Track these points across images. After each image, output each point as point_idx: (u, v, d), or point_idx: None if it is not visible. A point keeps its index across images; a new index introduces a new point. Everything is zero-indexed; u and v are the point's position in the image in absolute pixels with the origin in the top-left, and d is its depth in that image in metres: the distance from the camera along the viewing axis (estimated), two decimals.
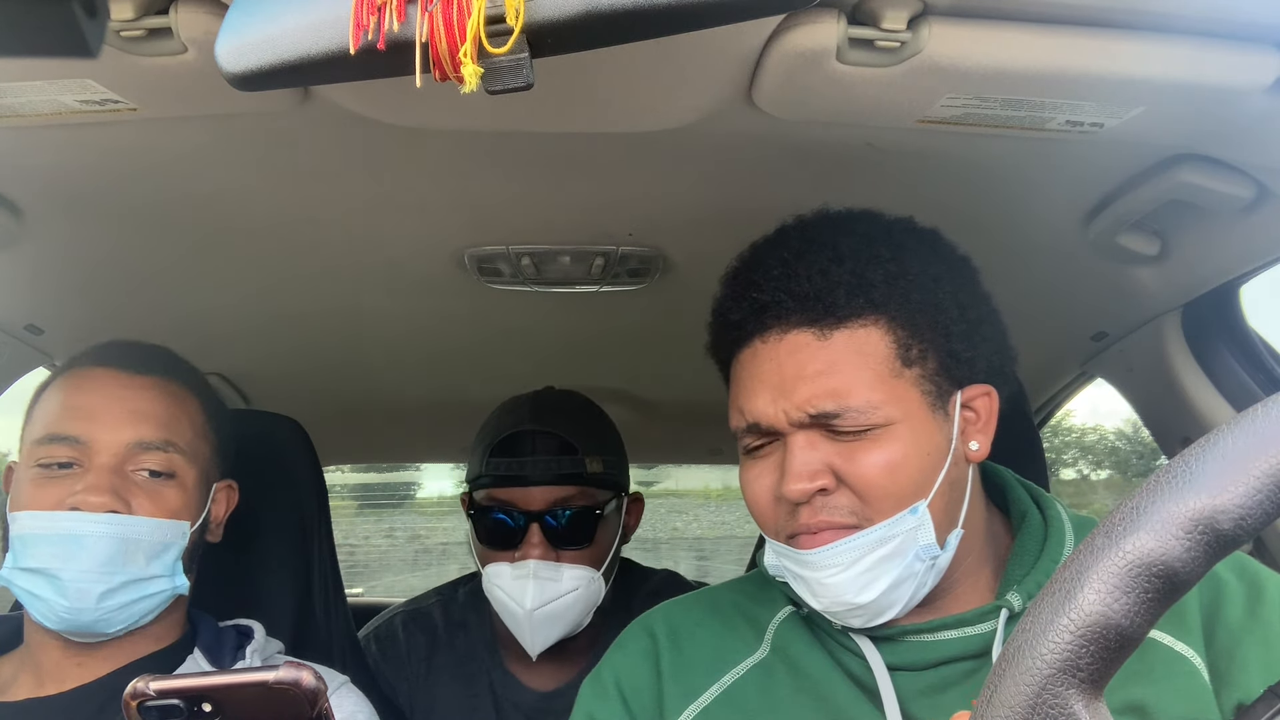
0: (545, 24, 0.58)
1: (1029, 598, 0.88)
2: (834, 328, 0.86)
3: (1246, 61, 0.83)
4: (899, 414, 0.85)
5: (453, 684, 1.57)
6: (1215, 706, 0.82)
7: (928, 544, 0.85)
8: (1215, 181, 1.03)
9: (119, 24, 0.77)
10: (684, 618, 1.01)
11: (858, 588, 0.85)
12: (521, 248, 1.32)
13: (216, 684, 0.54)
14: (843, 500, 0.85)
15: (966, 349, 0.89)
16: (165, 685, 0.54)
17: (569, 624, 1.44)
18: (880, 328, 0.86)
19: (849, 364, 0.85)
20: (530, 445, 1.45)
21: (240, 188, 1.14)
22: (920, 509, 0.85)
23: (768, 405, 0.87)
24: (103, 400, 1.07)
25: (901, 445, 0.85)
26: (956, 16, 0.80)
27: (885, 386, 0.85)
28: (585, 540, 1.45)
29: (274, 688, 0.53)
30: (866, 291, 0.86)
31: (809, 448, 0.85)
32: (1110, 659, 0.44)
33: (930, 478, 0.86)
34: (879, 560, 0.85)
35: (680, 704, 0.94)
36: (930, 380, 0.87)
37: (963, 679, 0.88)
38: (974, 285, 0.93)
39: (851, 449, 0.85)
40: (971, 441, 0.90)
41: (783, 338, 0.87)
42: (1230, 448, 0.44)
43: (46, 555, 1.00)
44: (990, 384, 0.91)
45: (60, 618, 1.01)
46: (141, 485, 1.06)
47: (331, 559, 1.50)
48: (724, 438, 2.96)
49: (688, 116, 0.95)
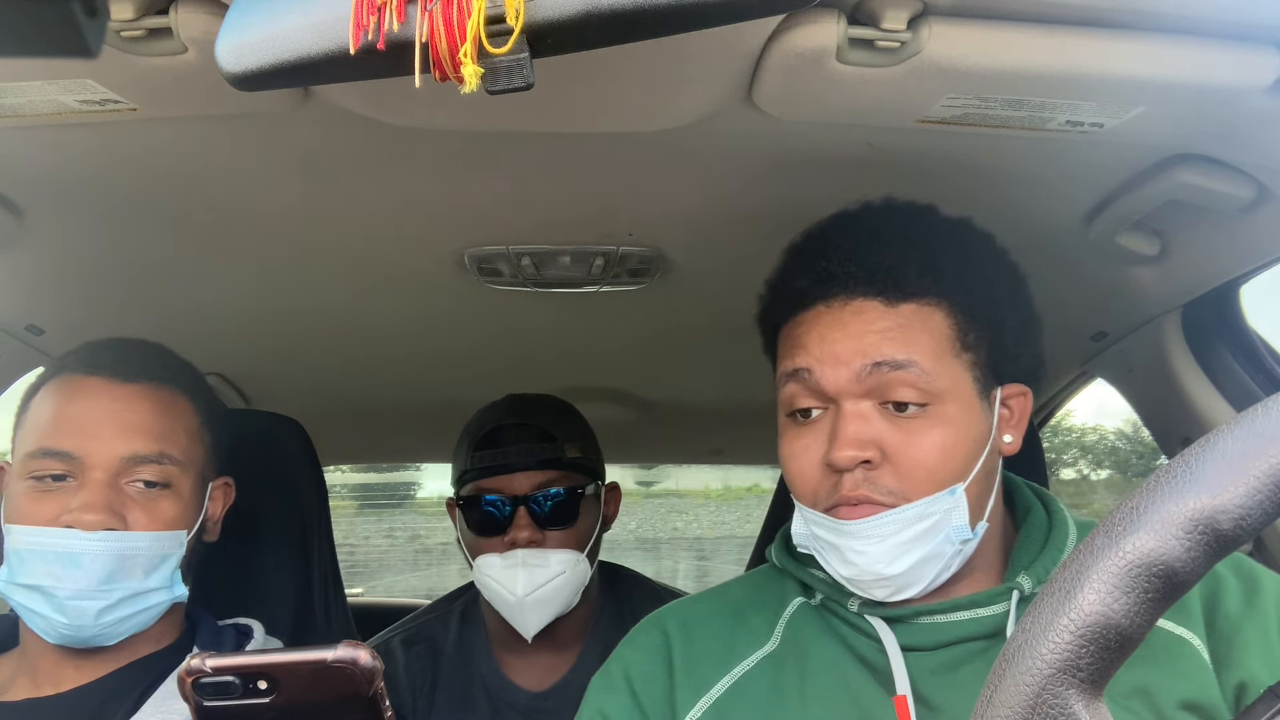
0: (545, 24, 0.58)
1: (1038, 582, 0.90)
2: (901, 300, 0.89)
3: (1246, 61, 0.83)
4: (951, 393, 0.88)
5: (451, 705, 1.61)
6: (1217, 686, 0.84)
7: (960, 525, 0.87)
8: (1215, 181, 1.03)
9: (119, 24, 0.77)
10: (695, 612, 1.03)
11: (889, 559, 0.87)
12: (521, 248, 1.32)
13: (275, 661, 0.54)
14: (885, 479, 0.87)
15: (1015, 345, 0.92)
16: (222, 663, 0.54)
17: (559, 605, 1.51)
18: (944, 310, 0.89)
19: (915, 330, 0.88)
20: (511, 436, 1.53)
21: (240, 188, 1.14)
22: (959, 490, 0.87)
23: (824, 355, 0.88)
24: (95, 413, 1.05)
25: (954, 428, 0.87)
26: (956, 16, 0.80)
27: (944, 362, 0.88)
28: (569, 520, 1.52)
29: (332, 666, 0.53)
30: (935, 274, 0.89)
31: (861, 418, 0.87)
32: (1110, 659, 0.44)
33: (972, 463, 0.89)
34: (915, 536, 0.87)
35: (692, 697, 0.94)
36: (980, 369, 0.90)
37: (974, 658, 0.89)
38: (1025, 288, 0.96)
39: (904, 429, 0.87)
40: (1006, 435, 0.93)
41: (849, 302, 0.90)
42: (1230, 448, 0.44)
43: (42, 572, 0.99)
44: (1027, 384, 0.95)
45: (60, 633, 1.01)
46: (136, 498, 1.04)
47: (331, 559, 1.50)
48: (724, 438, 2.96)
49: (688, 116, 0.95)
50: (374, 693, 0.54)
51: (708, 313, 1.55)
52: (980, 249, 0.95)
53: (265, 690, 0.54)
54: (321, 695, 0.54)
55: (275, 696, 0.54)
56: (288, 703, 0.54)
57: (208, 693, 0.54)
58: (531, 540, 1.48)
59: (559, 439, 1.54)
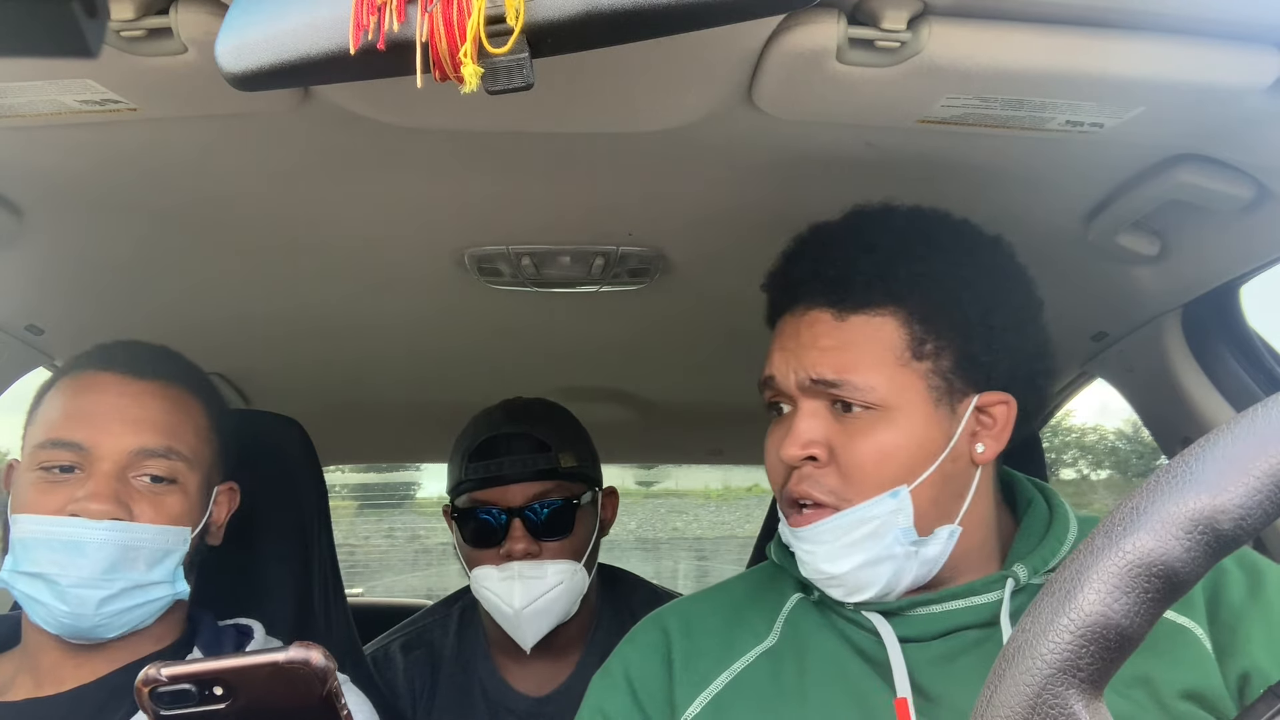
0: (545, 24, 0.58)
1: (1035, 571, 0.91)
2: (851, 312, 0.91)
3: (1246, 61, 0.83)
4: (897, 401, 0.89)
5: (450, 710, 1.61)
6: (1219, 676, 0.84)
7: (906, 527, 0.88)
8: (1215, 181, 1.03)
9: (119, 24, 0.77)
10: (695, 610, 1.03)
11: (832, 559, 0.90)
12: (521, 248, 1.32)
13: (227, 666, 0.54)
14: (828, 479, 0.90)
15: (985, 354, 0.91)
16: (176, 671, 0.54)
17: (557, 615, 1.50)
18: (897, 319, 0.90)
19: (859, 345, 0.90)
20: (506, 446, 1.52)
21: (240, 187, 1.14)
22: (901, 493, 0.88)
23: (781, 364, 0.94)
24: (105, 406, 1.06)
25: (894, 433, 0.89)
26: (956, 17, 0.80)
27: (888, 373, 0.89)
28: (565, 531, 1.51)
29: (284, 668, 0.53)
30: (886, 285, 0.90)
31: (812, 417, 0.91)
32: (1110, 659, 0.44)
33: (920, 468, 0.89)
34: (858, 539, 0.89)
35: (691, 693, 0.95)
36: (941, 377, 0.90)
37: (971, 647, 0.90)
38: (1009, 296, 0.95)
39: (850, 429, 0.90)
40: (979, 444, 0.92)
41: (806, 312, 0.94)
42: (1230, 448, 0.44)
43: (46, 560, 1.00)
44: (1012, 393, 0.93)
45: (60, 622, 1.01)
46: (143, 491, 1.05)
47: (331, 559, 1.50)
48: (724, 438, 2.96)
49: (688, 116, 0.95)
50: (328, 692, 0.54)
51: (708, 313, 1.55)
52: (955, 257, 0.93)
53: (221, 696, 0.54)
54: (277, 698, 0.54)
55: (232, 702, 0.54)
56: (245, 707, 0.54)
57: (165, 702, 0.54)
58: (528, 552, 1.48)
59: (554, 448, 1.53)
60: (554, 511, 1.51)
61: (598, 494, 1.62)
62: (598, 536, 1.59)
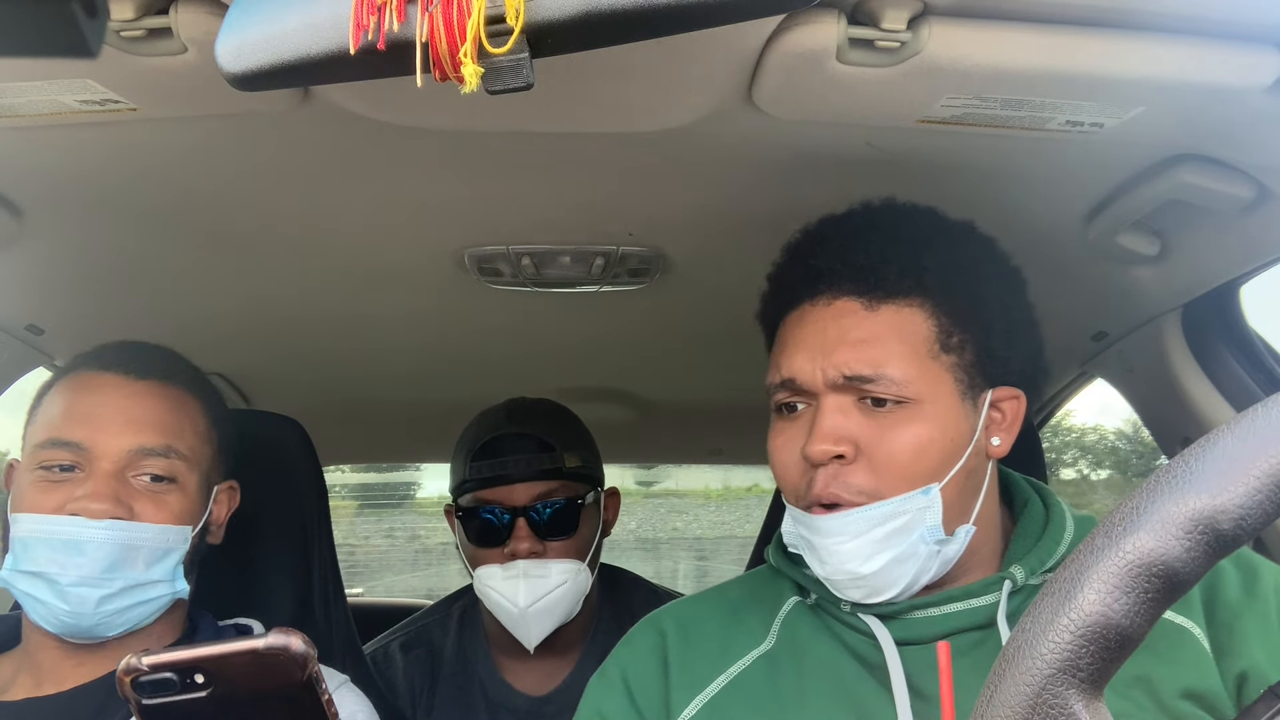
0: (545, 24, 0.58)
1: (1032, 572, 0.91)
2: (882, 301, 0.90)
3: (1246, 61, 0.83)
4: (929, 394, 0.88)
5: (450, 710, 1.61)
6: (1218, 675, 0.85)
7: (934, 525, 0.87)
8: (1215, 181, 1.03)
9: (119, 24, 0.77)
10: (693, 612, 1.03)
11: (862, 557, 0.88)
12: (521, 248, 1.32)
13: (207, 654, 0.54)
14: (857, 477, 0.88)
15: (1003, 349, 0.92)
16: (157, 659, 0.54)
17: (561, 615, 1.51)
18: (925, 310, 0.90)
19: (890, 337, 0.89)
20: (510, 446, 1.52)
21: (240, 187, 1.14)
22: (933, 490, 0.87)
23: (806, 363, 0.90)
24: (105, 405, 1.07)
25: (928, 426, 0.88)
26: (956, 16, 0.80)
27: (921, 365, 0.88)
28: (569, 530, 1.52)
29: (264, 654, 0.54)
30: (918, 274, 0.90)
31: (839, 412, 0.89)
32: (1110, 659, 0.44)
33: (949, 463, 0.88)
34: (887, 534, 0.87)
35: (687, 695, 0.95)
36: (965, 370, 0.90)
37: (969, 649, 0.89)
38: (1020, 293, 0.96)
39: (881, 424, 0.88)
40: (994, 437, 0.93)
41: (831, 303, 0.91)
42: (1230, 448, 0.44)
43: (46, 559, 1.00)
44: (1021, 388, 0.94)
45: (60, 621, 1.01)
46: (143, 491, 1.06)
47: (331, 559, 1.50)
48: (724, 438, 2.96)
49: (688, 116, 0.95)
50: (308, 677, 0.54)
51: (708, 313, 1.55)
52: (973, 252, 0.95)
53: (203, 684, 0.54)
54: (258, 684, 0.54)
55: (213, 689, 0.54)
56: (226, 694, 0.54)
57: (147, 691, 0.54)
58: (532, 551, 1.48)
59: (558, 448, 1.53)
60: (558, 511, 1.51)
61: (600, 494, 1.62)
62: (600, 537, 1.60)
